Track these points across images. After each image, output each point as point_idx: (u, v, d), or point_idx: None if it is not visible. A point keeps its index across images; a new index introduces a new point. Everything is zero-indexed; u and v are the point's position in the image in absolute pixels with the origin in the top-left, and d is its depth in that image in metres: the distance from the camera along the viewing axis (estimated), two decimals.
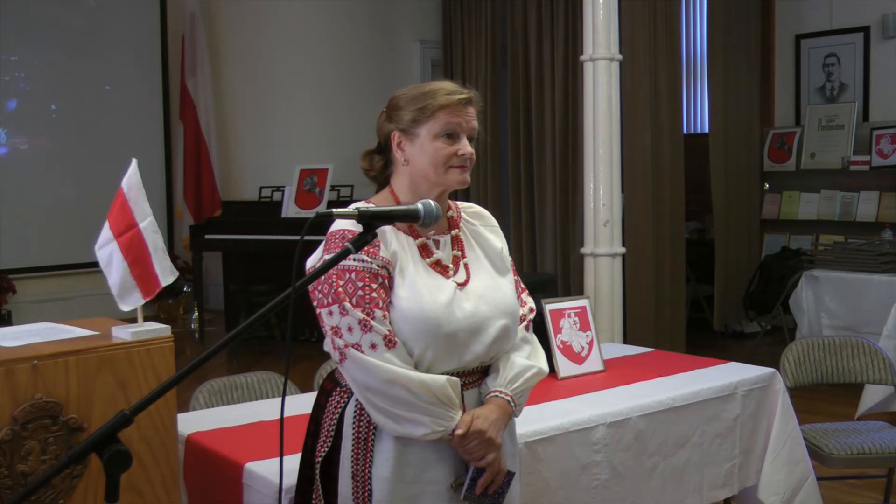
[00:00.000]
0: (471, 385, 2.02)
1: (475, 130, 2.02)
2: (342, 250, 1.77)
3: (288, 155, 7.56)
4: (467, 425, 1.92)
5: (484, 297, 2.01)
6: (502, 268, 2.11)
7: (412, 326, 1.91)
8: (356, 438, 1.96)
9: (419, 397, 1.88)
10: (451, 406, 1.92)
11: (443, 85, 2.01)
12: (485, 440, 1.93)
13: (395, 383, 1.87)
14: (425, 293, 1.93)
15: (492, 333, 1.99)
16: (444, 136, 1.97)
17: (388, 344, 1.89)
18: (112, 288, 2.40)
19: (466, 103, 2.00)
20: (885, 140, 6.92)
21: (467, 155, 1.99)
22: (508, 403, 2.00)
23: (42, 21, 7.51)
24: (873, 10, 7.10)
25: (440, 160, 1.98)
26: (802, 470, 3.12)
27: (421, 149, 1.99)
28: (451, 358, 1.95)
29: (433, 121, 1.97)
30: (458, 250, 2.06)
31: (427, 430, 1.90)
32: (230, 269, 7.62)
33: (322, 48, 7.91)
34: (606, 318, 4.26)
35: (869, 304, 5.46)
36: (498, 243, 2.14)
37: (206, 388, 2.94)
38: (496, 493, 1.99)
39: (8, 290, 7.18)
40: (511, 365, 2.03)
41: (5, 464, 2.15)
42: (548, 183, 7.19)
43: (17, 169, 7.45)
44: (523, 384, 2.03)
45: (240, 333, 1.63)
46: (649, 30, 6.31)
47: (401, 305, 1.92)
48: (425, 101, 1.98)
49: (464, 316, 1.95)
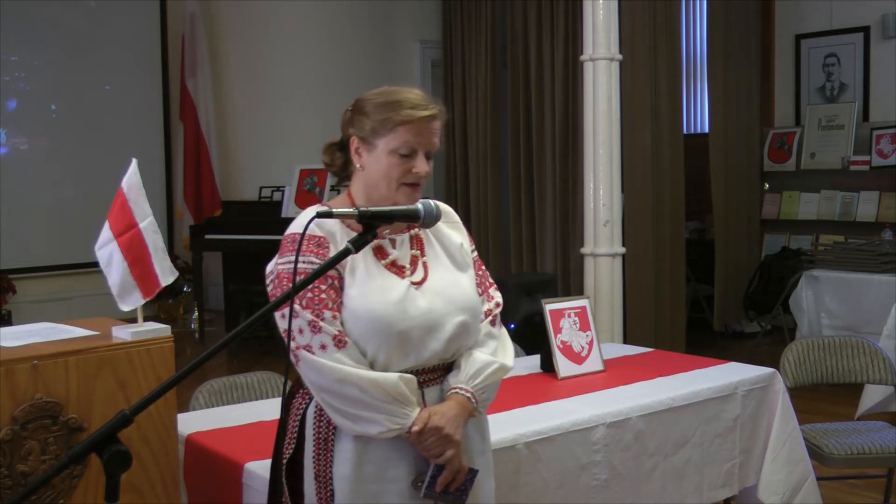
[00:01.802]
0: (432, 382, 2.01)
1: (436, 148, 2.00)
2: (343, 250, 1.80)
3: (288, 155, 7.56)
4: (424, 422, 1.91)
5: (441, 294, 1.99)
6: (462, 263, 2.09)
7: (363, 326, 1.91)
8: (317, 439, 1.96)
9: (372, 395, 1.87)
10: (406, 403, 1.91)
11: (408, 96, 1.98)
12: (442, 436, 1.91)
13: (346, 382, 1.87)
14: (375, 292, 1.93)
15: (448, 330, 1.97)
16: (400, 154, 1.95)
17: (338, 344, 1.89)
18: (112, 288, 2.41)
19: (430, 119, 1.97)
20: (885, 140, 6.92)
21: (421, 174, 1.97)
22: (468, 400, 1.98)
23: (42, 21, 7.51)
24: (873, 10, 7.10)
25: (393, 177, 1.96)
26: (802, 470, 3.12)
27: (377, 160, 1.98)
28: (407, 356, 1.94)
29: (392, 135, 1.95)
30: (417, 249, 2.05)
31: (382, 428, 1.89)
32: (230, 269, 7.62)
33: (322, 48, 7.91)
34: (606, 318, 4.26)
35: (869, 304, 5.46)
36: (457, 238, 2.11)
37: (206, 388, 2.94)
38: (458, 491, 1.96)
39: (8, 290, 7.18)
40: (472, 361, 2.01)
41: (5, 464, 2.15)
42: (548, 183, 7.19)
43: (17, 169, 7.44)
44: (484, 380, 2.00)
45: (240, 333, 1.64)
46: (649, 30, 6.31)
47: (351, 305, 1.92)
48: (387, 112, 1.95)
49: (418, 313, 1.94)
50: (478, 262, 2.16)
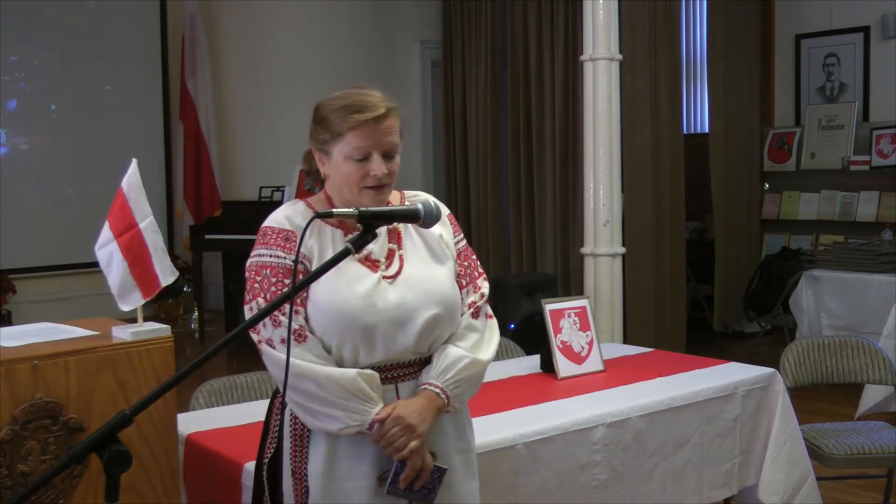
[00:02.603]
0: (408, 377, 1.99)
1: (394, 145, 1.97)
2: (343, 249, 1.79)
3: (288, 155, 7.52)
4: (388, 412, 1.89)
5: (413, 287, 1.97)
6: (441, 256, 2.05)
7: (328, 319, 1.91)
8: (293, 436, 1.97)
9: (329, 391, 1.86)
10: (366, 399, 1.89)
11: (359, 99, 1.96)
12: (405, 426, 1.88)
13: (303, 378, 1.87)
14: (342, 286, 1.92)
15: (419, 324, 1.94)
16: (354, 160, 1.95)
17: (298, 339, 1.89)
18: (112, 288, 2.41)
19: (379, 119, 1.95)
20: (885, 140, 6.92)
21: (379, 175, 1.95)
22: (438, 395, 1.95)
23: (42, 21, 7.51)
24: (873, 10, 7.10)
25: (353, 182, 1.96)
26: (802, 470, 3.13)
27: (336, 167, 1.98)
28: (374, 351, 1.93)
29: (342, 142, 1.95)
30: (394, 243, 2.03)
31: (341, 424, 1.88)
32: (230, 269, 7.62)
33: (322, 48, 7.90)
34: (606, 318, 4.26)
35: (869, 304, 5.45)
36: (437, 230, 2.06)
37: (206, 388, 2.94)
38: (424, 490, 1.92)
39: (8, 290, 7.17)
40: (445, 356, 1.98)
41: (5, 464, 2.15)
42: (548, 183, 7.19)
43: (17, 169, 7.44)
44: (455, 375, 1.96)
45: (240, 333, 1.64)
46: (649, 30, 6.31)
47: (317, 299, 1.92)
48: (337, 120, 1.95)
49: (386, 307, 1.92)
50: (465, 252, 2.11)
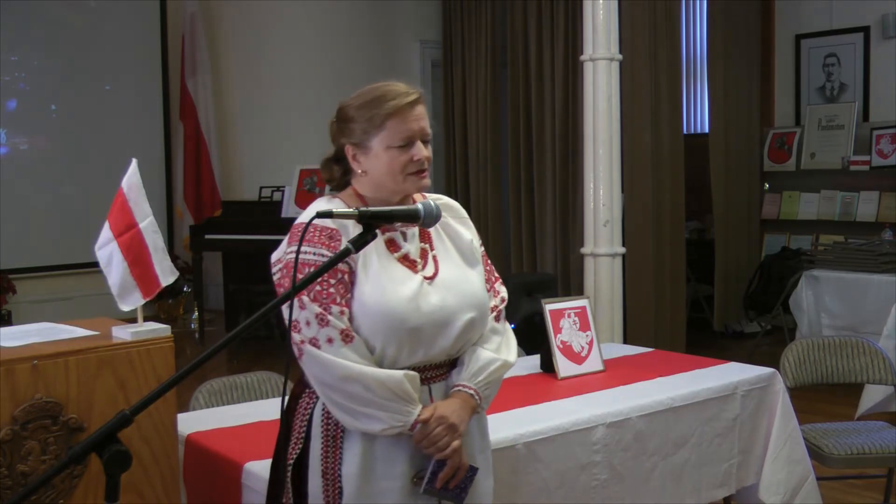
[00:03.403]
0: (438, 378, 2.01)
1: (428, 132, 2.00)
2: (343, 249, 1.79)
3: (288, 155, 7.56)
4: (431, 412, 1.92)
5: (452, 290, 1.99)
6: (472, 259, 2.10)
7: (374, 321, 1.91)
8: (325, 437, 1.96)
9: (375, 393, 1.87)
10: (409, 401, 1.91)
11: (388, 89, 1.98)
12: (448, 426, 1.92)
13: (350, 380, 1.87)
14: (389, 288, 1.92)
15: (458, 327, 1.98)
16: (398, 147, 1.96)
17: (345, 339, 1.89)
18: (112, 288, 2.41)
19: (414, 104, 1.97)
20: (885, 140, 6.92)
21: (423, 160, 1.98)
22: (472, 397, 1.99)
23: (42, 21, 7.51)
24: (873, 10, 7.10)
25: (397, 169, 1.97)
26: (802, 470, 3.13)
27: (376, 160, 1.98)
28: (416, 352, 1.95)
29: (384, 131, 1.95)
30: (425, 243, 2.05)
31: (385, 425, 1.90)
32: (230, 269, 7.62)
33: (322, 48, 7.91)
34: (606, 318, 4.26)
35: (869, 304, 5.45)
36: (467, 234, 2.12)
37: (206, 388, 2.94)
38: (457, 489, 1.95)
39: (8, 290, 7.17)
40: (476, 358, 2.02)
41: (5, 464, 2.15)
42: (548, 183, 7.19)
43: (17, 169, 7.44)
44: (487, 377, 2.01)
45: (240, 333, 1.63)
46: (649, 30, 6.31)
47: (363, 300, 1.92)
48: (372, 110, 1.96)
49: (430, 310, 1.94)
50: (485, 257, 2.16)
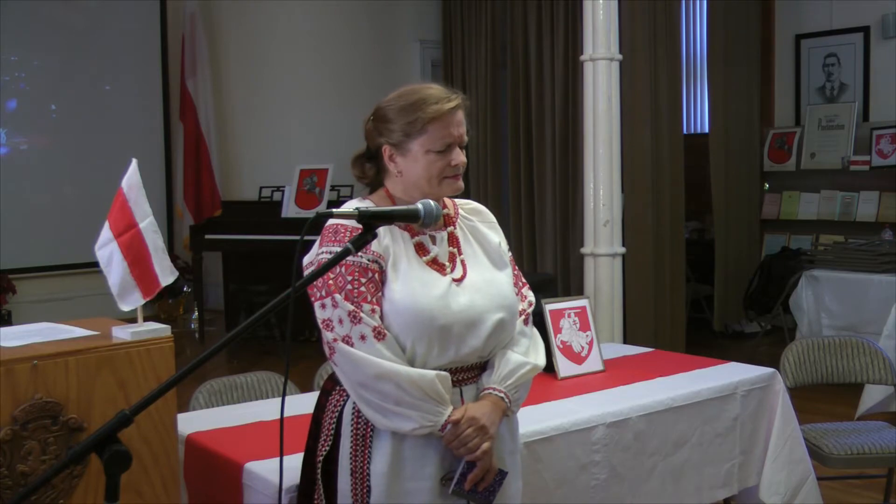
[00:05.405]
0: (469, 381, 2.03)
1: (464, 138, 2.02)
2: (342, 250, 1.78)
3: (288, 155, 7.56)
4: (462, 412, 1.93)
5: (480, 291, 2.01)
6: (500, 262, 2.11)
7: (405, 319, 1.92)
8: (354, 435, 1.97)
9: (408, 392, 1.88)
10: (441, 402, 1.92)
11: (430, 93, 1.99)
12: (479, 427, 1.93)
13: (383, 378, 1.88)
14: (419, 287, 1.94)
15: (488, 327, 1.99)
16: (437, 151, 1.97)
17: (378, 336, 1.90)
18: (112, 288, 2.40)
19: (455, 110, 1.99)
20: (885, 140, 6.92)
21: (460, 165, 2.00)
22: (502, 399, 2.00)
23: (42, 21, 7.51)
24: (873, 10, 7.10)
25: (434, 173, 1.99)
26: (803, 470, 3.12)
27: (414, 162, 1.99)
28: (445, 352, 1.95)
29: (425, 135, 1.97)
30: (454, 247, 2.06)
31: (415, 424, 1.90)
32: (230, 269, 7.62)
33: (322, 48, 7.91)
34: (606, 318, 4.26)
35: (869, 304, 5.46)
36: (495, 238, 2.14)
37: (206, 388, 2.94)
38: (486, 492, 1.95)
39: (8, 290, 7.17)
40: (506, 361, 2.03)
41: (5, 464, 2.15)
42: (548, 183, 7.19)
43: (17, 169, 7.44)
44: (517, 380, 2.03)
45: (240, 333, 1.63)
46: (649, 30, 6.31)
47: (394, 298, 1.93)
48: (414, 113, 1.96)
49: (459, 309, 1.95)
50: (512, 261, 2.18)
